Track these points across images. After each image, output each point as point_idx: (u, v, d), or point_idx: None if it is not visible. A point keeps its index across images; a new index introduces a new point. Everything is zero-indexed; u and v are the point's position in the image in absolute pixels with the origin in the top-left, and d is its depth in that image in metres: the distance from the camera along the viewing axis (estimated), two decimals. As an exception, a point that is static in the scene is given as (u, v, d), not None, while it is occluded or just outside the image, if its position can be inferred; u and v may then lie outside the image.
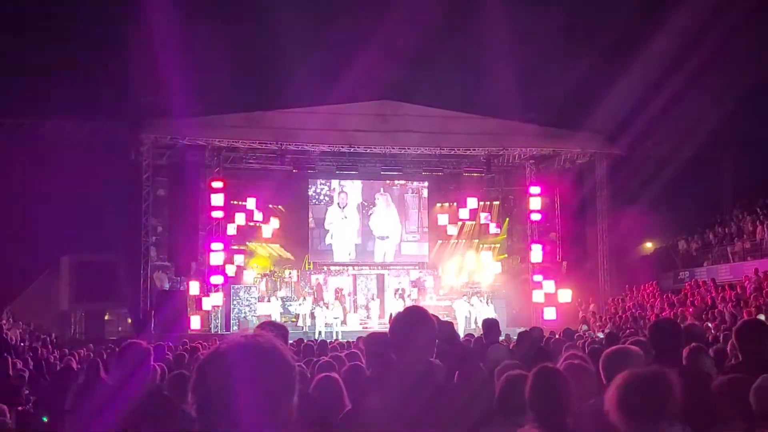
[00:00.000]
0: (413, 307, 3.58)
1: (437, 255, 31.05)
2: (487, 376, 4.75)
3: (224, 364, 1.89)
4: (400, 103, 26.63)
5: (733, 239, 25.80)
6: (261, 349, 1.92)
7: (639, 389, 2.92)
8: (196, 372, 1.93)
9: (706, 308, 20.86)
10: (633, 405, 2.88)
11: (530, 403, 3.61)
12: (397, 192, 30.79)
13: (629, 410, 2.88)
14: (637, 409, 2.88)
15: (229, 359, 1.89)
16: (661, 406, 2.90)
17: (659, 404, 2.90)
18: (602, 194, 27.98)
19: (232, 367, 1.87)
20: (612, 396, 2.95)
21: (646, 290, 26.41)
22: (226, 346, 1.94)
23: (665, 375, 2.97)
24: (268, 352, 1.92)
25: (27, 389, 10.96)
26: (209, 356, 1.94)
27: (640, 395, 2.90)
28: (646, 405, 2.89)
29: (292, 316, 26.62)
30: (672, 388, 2.92)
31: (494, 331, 8.86)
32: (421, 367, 3.17)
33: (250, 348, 1.91)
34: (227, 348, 1.92)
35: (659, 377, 2.97)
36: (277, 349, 1.94)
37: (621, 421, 2.88)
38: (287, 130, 25.58)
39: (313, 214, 29.93)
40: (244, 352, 1.90)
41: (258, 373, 1.87)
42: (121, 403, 3.98)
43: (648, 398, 2.90)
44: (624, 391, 2.92)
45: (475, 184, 30.33)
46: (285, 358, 1.94)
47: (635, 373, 3.02)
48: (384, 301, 28.44)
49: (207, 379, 1.90)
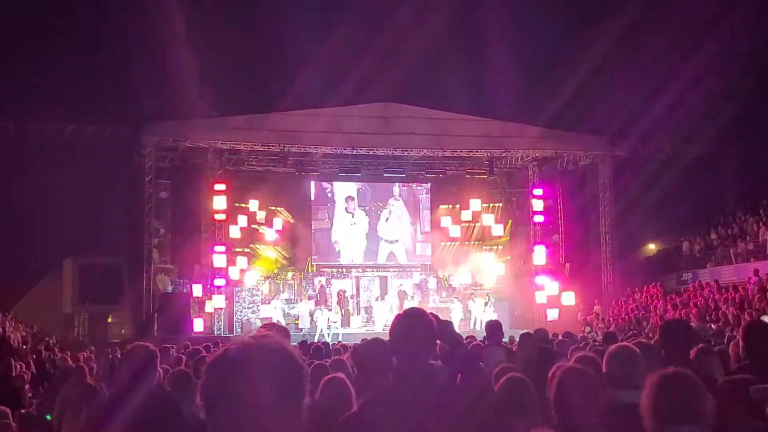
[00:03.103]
0: (412, 308, 3.57)
1: (440, 257, 31.02)
2: (490, 378, 4.74)
3: (233, 365, 1.88)
4: (403, 106, 26.61)
5: (736, 241, 25.74)
6: (269, 349, 1.90)
7: (668, 390, 2.92)
8: (205, 373, 1.92)
9: (709, 310, 20.82)
10: (662, 405, 2.89)
11: (554, 404, 3.63)
12: (411, 193, 30.79)
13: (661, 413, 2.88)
14: (668, 411, 2.88)
15: (237, 360, 1.88)
16: (694, 407, 2.90)
17: (688, 405, 2.90)
18: (605, 196, 27.94)
19: (241, 367, 1.86)
20: (646, 398, 2.95)
21: (650, 292, 26.37)
22: (235, 347, 1.92)
23: (691, 376, 2.97)
24: (277, 352, 1.91)
25: (30, 392, 10.96)
26: (218, 357, 1.93)
27: (669, 396, 2.91)
28: (674, 406, 2.89)
29: (294, 318, 26.59)
30: (702, 389, 2.92)
31: (497, 332, 8.84)
32: (422, 369, 3.16)
33: (259, 349, 1.90)
34: (236, 349, 1.91)
35: (688, 379, 2.97)
36: (285, 349, 1.93)
37: (651, 421, 2.88)
38: (290, 132, 25.56)
39: (317, 216, 29.90)
40: (252, 353, 1.89)
41: (267, 373, 1.85)
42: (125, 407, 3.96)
43: (678, 399, 2.90)
44: (654, 392, 2.92)
45: (477, 186, 30.32)
46: (294, 359, 1.93)
47: (664, 373, 3.02)
48: (387, 303, 28.39)
49: (216, 380, 1.88)
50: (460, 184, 30.46)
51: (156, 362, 4.71)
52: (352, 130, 25.88)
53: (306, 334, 23.43)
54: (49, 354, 18.20)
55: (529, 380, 4.16)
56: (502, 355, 7.96)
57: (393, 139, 26.41)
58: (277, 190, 28.44)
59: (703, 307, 21.29)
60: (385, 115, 26.26)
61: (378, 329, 24.78)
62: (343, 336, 23.43)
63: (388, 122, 26.23)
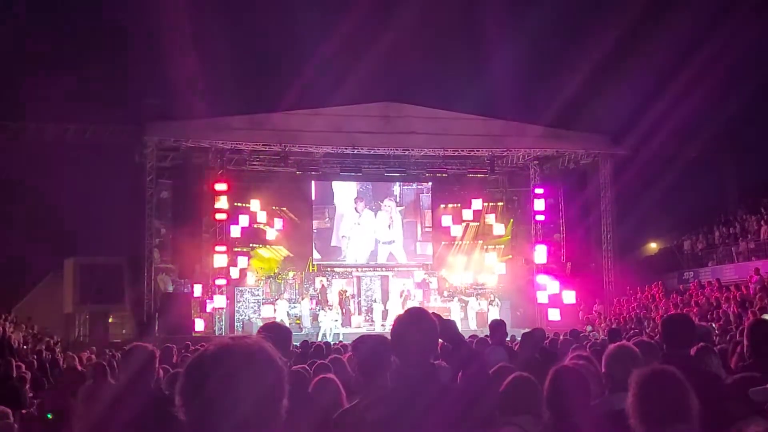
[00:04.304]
0: (413, 308, 3.54)
1: (441, 256, 30.99)
2: (491, 377, 4.71)
3: (211, 366, 1.86)
4: (404, 105, 26.61)
5: (738, 239, 25.71)
6: (248, 350, 1.89)
7: (654, 390, 2.87)
8: (183, 375, 1.90)
9: (710, 309, 20.78)
10: (649, 406, 2.84)
11: (548, 403, 3.60)
12: (412, 192, 30.76)
13: (645, 413, 2.84)
14: (653, 411, 2.84)
15: (215, 362, 1.87)
16: (677, 407, 2.85)
17: (676, 405, 2.85)
18: (606, 195, 27.93)
19: (218, 369, 1.85)
20: (631, 397, 2.91)
21: (652, 291, 26.34)
22: (214, 348, 1.90)
23: (677, 375, 2.92)
24: (256, 354, 1.89)
25: (30, 392, 10.93)
26: (195, 359, 1.91)
27: (656, 396, 2.86)
28: (662, 406, 2.84)
29: (296, 318, 26.58)
30: (688, 388, 2.88)
31: (500, 331, 8.82)
32: (423, 369, 3.13)
33: (238, 350, 1.89)
34: (214, 350, 1.89)
35: (674, 377, 2.92)
36: (264, 351, 1.91)
37: (638, 422, 2.84)
38: (291, 132, 25.56)
39: (318, 216, 29.86)
40: (230, 354, 1.87)
41: (245, 374, 1.84)
42: (125, 407, 3.94)
43: (665, 400, 2.85)
44: (640, 392, 2.88)
45: (479, 185, 30.29)
46: (273, 360, 1.91)
47: (648, 372, 2.98)
48: (388, 302, 28.36)
49: (193, 381, 1.87)
50: (462, 184, 30.44)
51: (155, 363, 4.69)
52: (353, 129, 25.88)
53: (308, 334, 23.42)
54: (50, 354, 18.17)
55: (535, 380, 4.13)
56: (503, 354, 7.94)
57: (394, 138, 26.41)
58: (278, 190, 28.41)
59: (705, 306, 21.26)
60: (387, 115, 26.26)
61: (378, 329, 24.77)
62: (343, 336, 23.41)
63: (389, 122, 26.23)
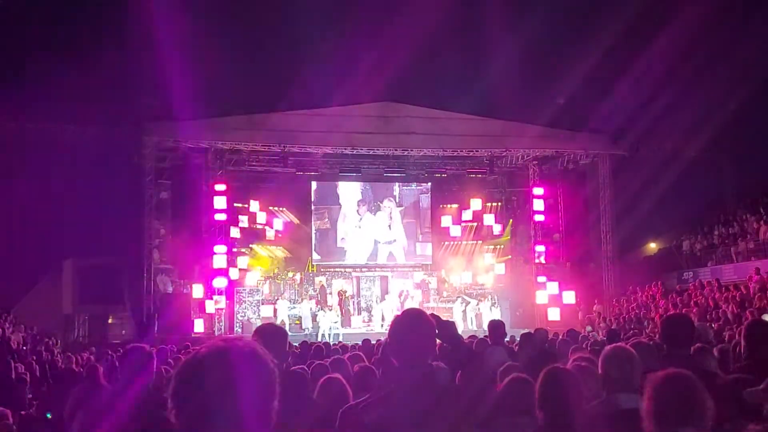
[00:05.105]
0: (411, 309, 3.54)
1: (441, 257, 30.99)
2: (490, 378, 4.71)
3: (202, 369, 1.87)
4: (403, 105, 26.62)
5: (737, 239, 25.72)
6: (239, 353, 1.90)
7: (671, 393, 2.88)
8: (174, 378, 1.91)
9: (709, 309, 20.79)
10: (665, 408, 2.85)
11: (539, 404, 3.59)
12: (411, 193, 30.76)
13: (661, 415, 2.84)
14: (669, 413, 2.85)
15: (206, 364, 1.87)
16: (692, 409, 2.86)
17: (691, 408, 2.86)
18: (605, 195, 27.94)
19: (209, 372, 1.85)
20: (648, 400, 2.92)
21: (651, 291, 26.35)
22: (205, 351, 1.91)
23: (692, 378, 2.93)
24: (247, 355, 1.90)
25: (30, 393, 10.92)
26: (187, 362, 1.91)
27: (673, 399, 2.87)
28: (677, 409, 2.85)
29: (296, 319, 26.58)
30: (703, 391, 2.89)
31: (499, 332, 8.82)
32: (421, 370, 3.13)
33: (229, 353, 1.89)
34: (206, 353, 1.90)
35: (689, 380, 2.93)
36: (256, 353, 1.92)
37: (652, 424, 2.85)
38: (290, 132, 25.57)
39: (318, 216, 29.88)
40: (222, 357, 1.88)
41: (236, 376, 1.84)
42: (121, 408, 3.94)
43: (680, 402, 2.86)
44: (656, 395, 2.88)
45: (478, 185, 30.30)
46: (264, 363, 1.92)
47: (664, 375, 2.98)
48: (387, 303, 28.37)
49: (185, 383, 1.87)
50: (461, 184, 30.44)
51: (152, 364, 4.69)
52: (352, 129, 25.88)
53: (309, 335, 23.44)
54: (49, 355, 18.17)
55: (533, 381, 4.13)
56: (503, 354, 7.95)
57: (393, 138, 26.42)
58: (278, 190, 28.43)
59: (704, 306, 21.26)
60: (386, 115, 26.27)
61: (378, 329, 24.77)
62: (343, 336, 23.43)
63: (388, 122, 26.24)
